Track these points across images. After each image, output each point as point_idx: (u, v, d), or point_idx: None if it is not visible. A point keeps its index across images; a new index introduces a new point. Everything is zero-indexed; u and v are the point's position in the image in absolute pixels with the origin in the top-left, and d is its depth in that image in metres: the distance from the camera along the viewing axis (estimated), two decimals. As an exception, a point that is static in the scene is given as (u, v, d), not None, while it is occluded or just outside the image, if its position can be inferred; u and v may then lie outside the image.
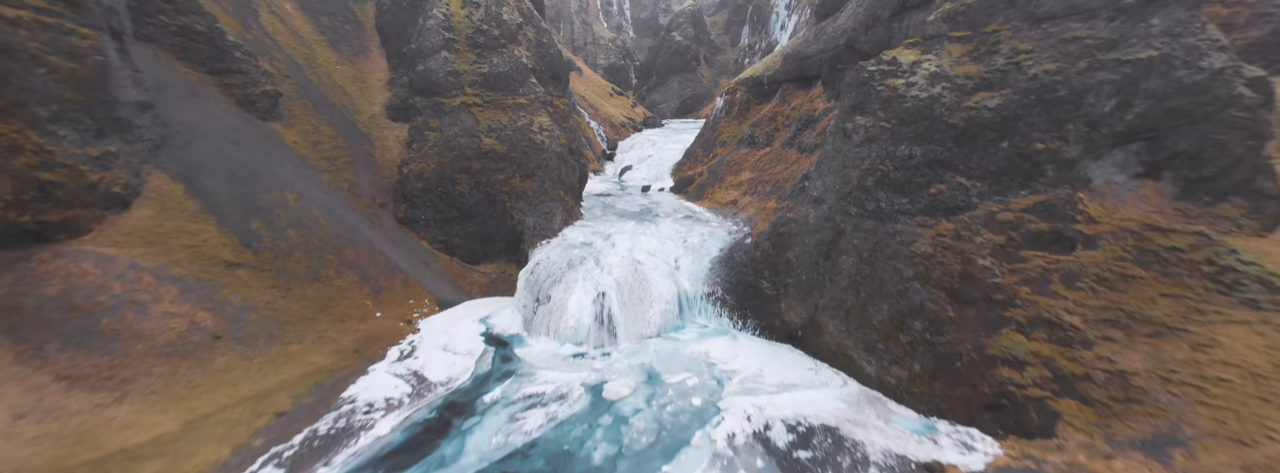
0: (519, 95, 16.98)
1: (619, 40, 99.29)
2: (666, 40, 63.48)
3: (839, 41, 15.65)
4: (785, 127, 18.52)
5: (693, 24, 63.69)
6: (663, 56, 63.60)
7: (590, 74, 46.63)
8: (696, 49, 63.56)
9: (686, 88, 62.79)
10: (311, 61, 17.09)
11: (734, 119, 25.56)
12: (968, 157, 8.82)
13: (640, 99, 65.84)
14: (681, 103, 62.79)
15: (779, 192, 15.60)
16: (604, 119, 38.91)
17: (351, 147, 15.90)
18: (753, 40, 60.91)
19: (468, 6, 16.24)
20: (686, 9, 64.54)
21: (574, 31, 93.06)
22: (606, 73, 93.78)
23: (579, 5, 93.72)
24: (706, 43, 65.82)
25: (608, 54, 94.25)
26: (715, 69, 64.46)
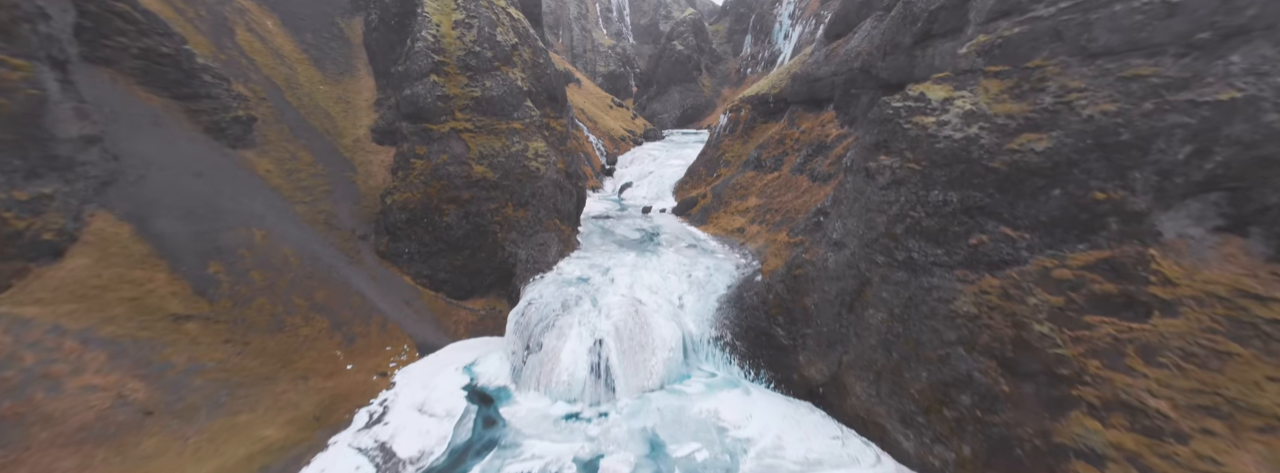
0: (513, 119, 16.11)
1: (619, 47, 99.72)
2: (667, 49, 63.44)
3: (852, 65, 14.87)
4: (794, 151, 17.65)
5: (694, 33, 63.75)
6: (663, 65, 63.50)
7: (589, 86, 46.20)
8: (698, 58, 63.50)
9: (688, 97, 62.51)
10: (292, 82, 16.26)
11: (738, 138, 24.78)
12: (1013, 204, 7.84)
13: (640, 109, 65.54)
14: (683, 113, 62.45)
15: (790, 223, 14.62)
16: (603, 133, 38.25)
17: (332, 174, 14.95)
18: (755, 50, 60.82)
19: (459, 27, 15.47)
20: (687, 18, 64.71)
21: (573, 38, 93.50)
22: (606, 80, 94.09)
23: (578, 12, 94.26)
24: (708, 52, 65.83)
25: (607, 61, 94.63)
26: (717, 79, 64.29)
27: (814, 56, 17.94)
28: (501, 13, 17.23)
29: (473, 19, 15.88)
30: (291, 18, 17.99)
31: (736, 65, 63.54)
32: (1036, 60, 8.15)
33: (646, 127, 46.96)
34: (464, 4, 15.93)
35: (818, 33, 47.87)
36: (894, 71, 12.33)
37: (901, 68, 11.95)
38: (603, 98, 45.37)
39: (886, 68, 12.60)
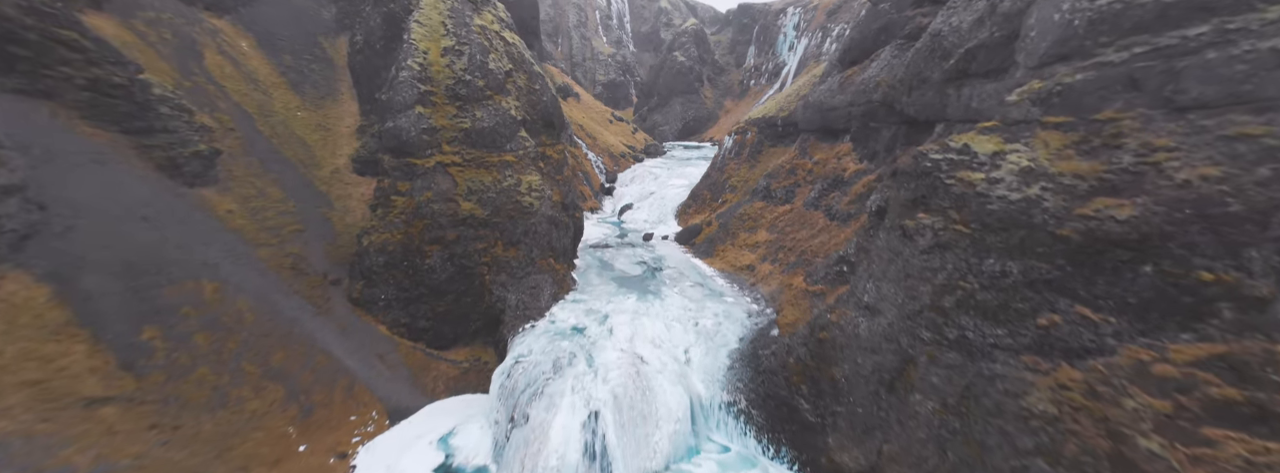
0: (505, 151, 15.03)
1: (619, 55, 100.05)
2: (668, 60, 63.32)
3: (871, 96, 13.87)
4: (807, 183, 16.55)
5: (696, 43, 63.73)
6: (664, 76, 63.28)
7: (588, 100, 45.60)
8: (700, 69, 63.32)
9: (689, 109, 62.09)
10: (266, 109, 15.22)
11: (745, 162, 23.78)
12: (1090, 281, 6.63)
13: (641, 120, 65.08)
14: (684, 125, 61.94)
15: (807, 266, 13.39)
16: (603, 149, 37.37)
17: (304, 211, 13.76)
18: (759, 61, 60.69)
19: (449, 55, 14.52)
20: (690, 28, 64.79)
21: (572, 46, 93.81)
22: (605, 89, 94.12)
23: (577, 20, 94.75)
24: (710, 63, 65.73)
25: (607, 70, 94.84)
26: (719, 90, 64.04)
27: (826, 83, 17.00)
28: (495, 37, 16.34)
29: (463, 46, 14.94)
30: (269, 38, 17.08)
31: (739, 77, 63.37)
32: (1107, 112, 7.04)
33: (647, 141, 46.20)
34: (454, 30, 15.03)
35: (824, 45, 47.62)
36: (922, 108, 11.28)
37: (930, 105, 10.90)
38: (602, 112, 44.73)
39: (912, 104, 11.55)
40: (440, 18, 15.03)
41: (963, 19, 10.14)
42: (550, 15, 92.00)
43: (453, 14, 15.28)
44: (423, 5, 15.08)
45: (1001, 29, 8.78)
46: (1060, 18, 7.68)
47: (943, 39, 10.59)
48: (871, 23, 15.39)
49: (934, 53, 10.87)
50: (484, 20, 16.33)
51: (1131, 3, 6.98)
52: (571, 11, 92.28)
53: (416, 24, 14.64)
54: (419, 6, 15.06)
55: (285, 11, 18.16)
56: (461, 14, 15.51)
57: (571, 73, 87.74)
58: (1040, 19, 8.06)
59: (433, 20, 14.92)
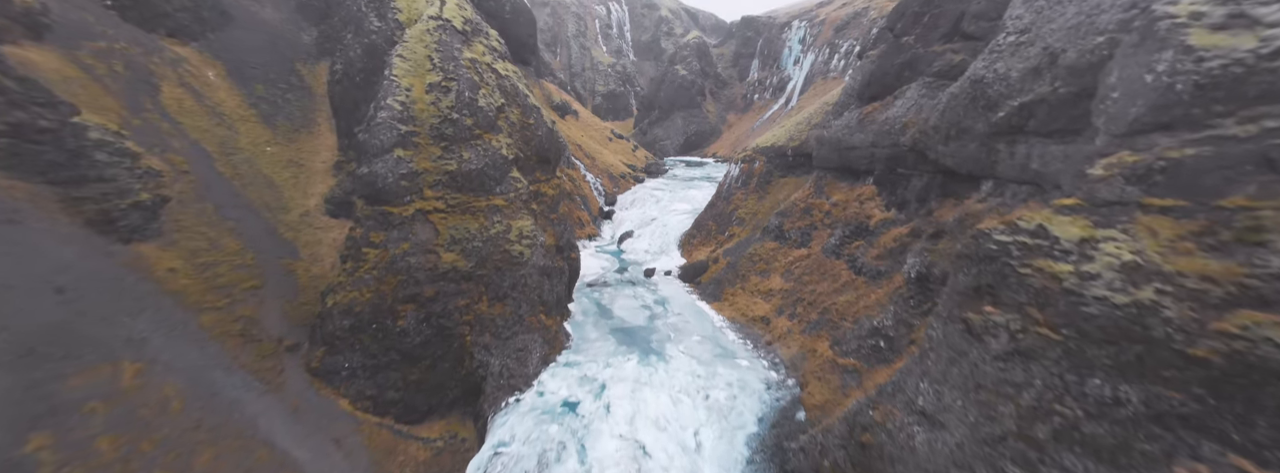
0: (494, 195, 13.69)
1: (619, 65, 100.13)
2: (669, 73, 63.00)
3: (897, 139, 12.62)
4: (825, 226, 15.19)
5: (698, 57, 63.54)
6: (666, 90, 62.86)
7: (588, 117, 44.77)
8: (702, 83, 62.98)
9: (691, 124, 61.45)
10: (229, 146, 13.93)
11: (753, 192, 22.52)
12: (1247, 421, 5.15)
13: (641, 133, 64.37)
14: (686, 139, 61.20)
15: (833, 328, 11.89)
16: (602, 170, 36.22)
17: (263, 263, 12.31)
18: (763, 75, 60.35)
19: (434, 91, 13.31)
20: (692, 41, 64.73)
21: (571, 57, 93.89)
22: (605, 100, 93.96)
23: (577, 29, 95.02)
24: (712, 76, 65.45)
25: (606, 80, 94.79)
26: (722, 104, 63.56)
27: (844, 118, 15.83)
28: (486, 71, 15.20)
29: (451, 81, 13.76)
30: (240, 66, 15.95)
31: (743, 91, 62.99)
32: (1237, 198, 5.68)
33: (648, 158, 45.17)
34: (441, 64, 13.86)
35: (832, 61, 47.03)
36: (962, 161, 9.99)
37: (974, 159, 9.61)
38: (601, 129, 43.83)
39: (950, 154, 10.26)
40: (426, 51, 13.89)
41: (1010, 66, 8.92)
42: (548, 24, 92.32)
43: (440, 47, 14.16)
44: (407, 38, 13.96)
45: (1068, 84, 7.52)
46: (1154, 80, 6.41)
47: (986, 86, 9.35)
48: (893, 57, 14.30)
49: (975, 101, 9.62)
50: (474, 52, 15.22)
51: (1257, 67, 5.70)
52: (570, 21, 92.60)
53: (399, 58, 13.48)
54: (403, 39, 13.94)
55: (260, 37, 17.12)
56: (450, 47, 14.39)
57: (570, 83, 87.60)
58: (1125, 79, 6.80)
59: (418, 54, 13.77)
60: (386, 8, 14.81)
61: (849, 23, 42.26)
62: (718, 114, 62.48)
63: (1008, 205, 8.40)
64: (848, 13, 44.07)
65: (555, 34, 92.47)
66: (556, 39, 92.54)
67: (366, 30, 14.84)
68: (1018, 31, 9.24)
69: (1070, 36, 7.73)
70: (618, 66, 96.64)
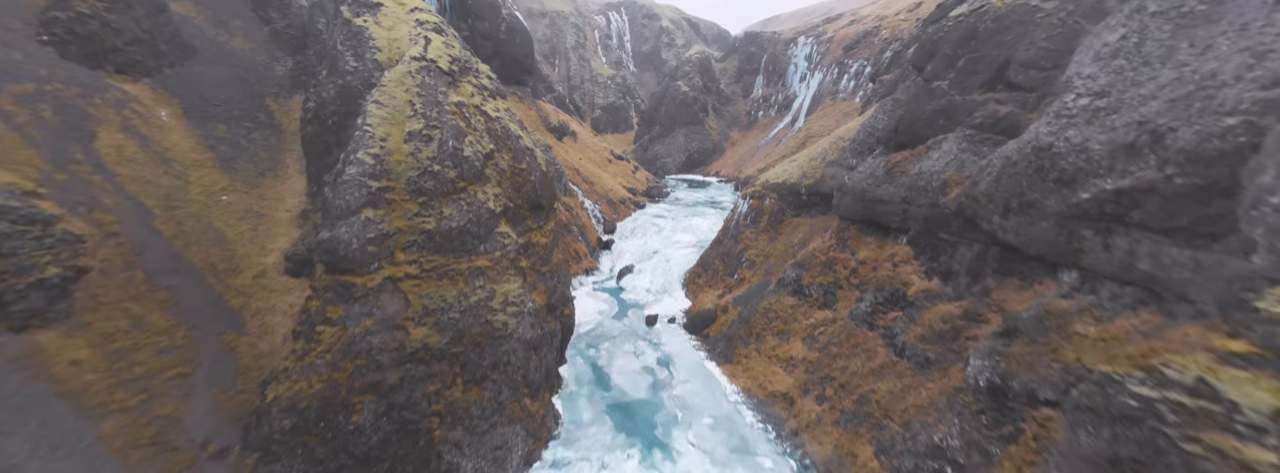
0: (478, 255, 12.26)
1: (619, 77, 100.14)
2: (671, 89, 62.59)
3: (937, 199, 11.31)
4: (852, 286, 13.76)
5: (700, 72, 63.25)
6: (667, 106, 62.33)
7: (586, 137, 43.80)
8: (704, 99, 62.53)
9: (693, 141, 60.72)
10: (176, 199, 12.52)
11: (764, 231, 21.18)
12: None
13: (642, 150, 63.56)
14: (688, 157, 60.36)
15: (875, 426, 10.31)
16: (601, 195, 34.98)
17: (198, 342, 10.74)
18: (768, 91, 59.94)
19: (414, 140, 11.98)
20: (693, 57, 64.56)
21: (570, 68, 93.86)
22: (605, 113, 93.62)
23: (576, 40, 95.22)
24: (715, 92, 65.09)
25: (606, 92, 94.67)
26: (725, 121, 63.01)
27: (868, 166, 14.60)
28: (474, 113, 13.95)
29: (433, 129, 12.46)
30: (199, 104, 14.70)
31: (746, 107, 62.55)
32: None
33: (649, 180, 44.03)
34: (423, 110, 12.59)
35: (842, 81, 46.28)
36: (1029, 241, 8.63)
37: (1047, 242, 8.25)
38: (600, 150, 42.81)
39: (1013, 230, 8.91)
40: (407, 96, 12.64)
41: (1088, 136, 7.64)
42: (547, 36, 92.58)
43: (423, 91, 12.92)
44: (386, 81, 12.71)
45: (1187, 174, 6.20)
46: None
47: (1056, 157, 8.06)
48: (924, 102, 13.15)
49: (1042, 172, 8.32)
50: (462, 94, 13.99)
51: None
52: (569, 32, 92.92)
53: (375, 105, 12.19)
54: (381, 82, 12.69)
55: (225, 71, 15.94)
56: (433, 91, 13.15)
57: (569, 96, 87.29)
58: None
59: (397, 99, 12.52)
60: (364, 47, 13.64)
61: (858, 42, 41.84)
62: (721, 131, 61.86)
63: (1108, 310, 6.96)
64: (857, 31, 43.73)
65: (553, 46, 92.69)
66: (555, 50, 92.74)
67: (341, 70, 13.62)
68: (1092, 94, 8.01)
69: (1178, 111, 6.44)
70: (617, 78, 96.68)
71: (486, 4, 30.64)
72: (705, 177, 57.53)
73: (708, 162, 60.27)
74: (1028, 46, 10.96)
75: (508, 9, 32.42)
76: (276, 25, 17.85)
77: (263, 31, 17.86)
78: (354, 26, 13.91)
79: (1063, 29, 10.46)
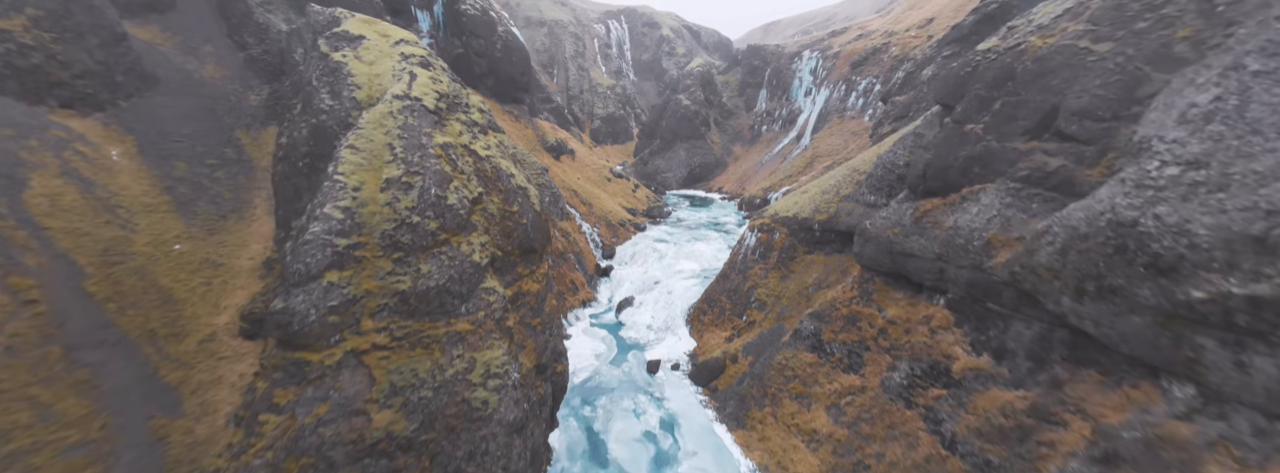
0: (458, 317, 10.94)
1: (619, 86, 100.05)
2: (672, 102, 62.10)
3: (980, 261, 10.06)
4: (880, 348, 12.40)
5: (702, 86, 62.86)
6: (668, 119, 61.74)
7: (585, 155, 42.89)
8: (706, 113, 61.97)
9: (695, 155, 59.92)
10: (117, 252, 11.24)
11: (774, 269, 19.91)
12: None
13: (642, 163, 62.72)
14: (689, 172, 59.48)
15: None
16: (599, 218, 33.81)
17: (120, 431, 9.30)
18: (771, 106, 59.41)
19: (392, 188, 10.72)
20: (695, 70, 64.26)
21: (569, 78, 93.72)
22: (604, 123, 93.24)
23: (575, 50, 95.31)
24: (717, 105, 64.62)
25: (605, 102, 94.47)
26: (727, 135, 62.36)
27: (893, 211, 13.40)
28: (462, 154, 12.79)
29: (414, 175, 11.26)
30: (159, 140, 13.56)
31: (749, 121, 62.00)
32: None
33: (650, 199, 42.94)
34: (404, 154, 11.41)
35: (850, 99, 45.31)
36: (1115, 336, 7.35)
37: (1140, 340, 6.97)
38: (599, 169, 41.83)
39: (1090, 318, 7.64)
40: (386, 139, 11.48)
41: (1191, 218, 6.42)
42: (545, 45, 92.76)
43: (405, 133, 11.78)
44: (364, 123, 11.55)
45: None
46: None
47: (1145, 239, 6.83)
48: (956, 147, 12.01)
49: (1124, 253, 7.08)
50: (449, 134, 12.87)
51: None
52: (568, 42, 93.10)
53: (350, 150, 10.99)
54: (359, 125, 11.52)
55: (192, 102, 14.87)
56: (417, 132, 12.00)
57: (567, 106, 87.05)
58: None
59: (375, 142, 11.35)
60: (342, 84, 12.54)
61: (867, 59, 41.30)
62: (723, 145, 61.18)
63: (1254, 451, 5.60)
64: (865, 47, 43.27)
65: (552, 55, 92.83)
66: (553, 60, 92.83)
67: (316, 108, 12.49)
68: (1183, 163, 6.83)
69: (1316, 207, 5.21)
70: (617, 88, 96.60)
71: (481, 21, 30.01)
72: (707, 193, 56.60)
73: (710, 177, 59.40)
74: (1080, 94, 9.85)
75: (504, 26, 31.79)
76: (252, 51, 16.89)
77: (237, 58, 16.89)
78: (331, 62, 12.86)
79: (1121, 76, 9.37)
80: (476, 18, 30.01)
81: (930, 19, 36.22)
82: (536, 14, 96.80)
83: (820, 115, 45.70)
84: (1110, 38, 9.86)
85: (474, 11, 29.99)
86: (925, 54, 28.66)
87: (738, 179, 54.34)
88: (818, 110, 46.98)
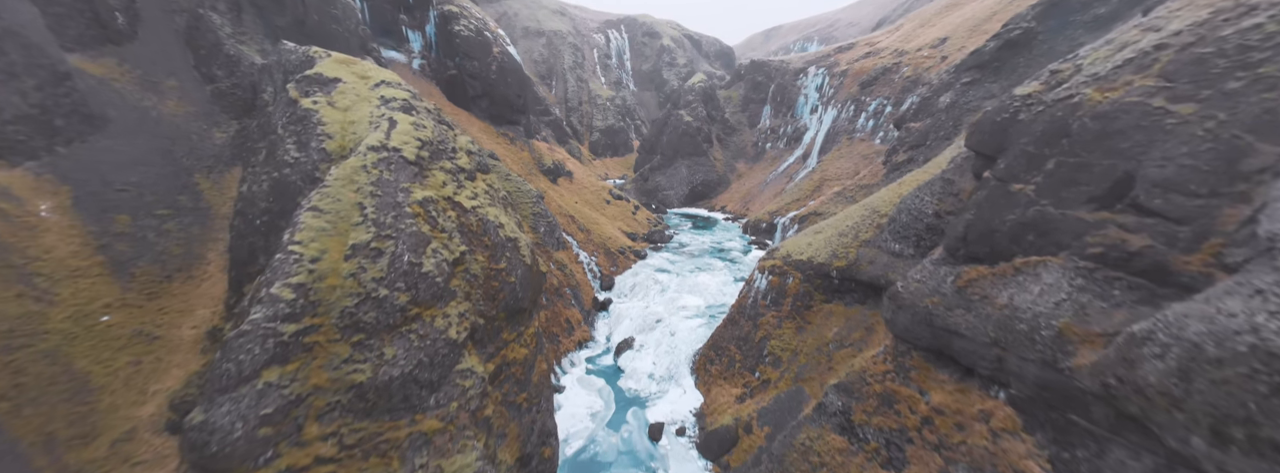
0: (425, 412, 9.37)
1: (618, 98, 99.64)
2: (673, 118, 61.38)
3: (1055, 357, 8.51)
4: (927, 445, 10.74)
5: (703, 102, 62.24)
6: (669, 135, 60.93)
7: (583, 176, 41.71)
8: (708, 129, 61.20)
9: (697, 173, 58.88)
10: (23, 332, 9.72)
11: (789, 318, 18.34)
12: None
13: (643, 180, 61.63)
14: (691, 189, 58.34)
15: None
16: (598, 245, 32.36)
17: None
18: (776, 123, 58.61)
19: (359, 255, 9.24)
20: (697, 86, 63.75)
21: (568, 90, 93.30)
22: (604, 135, 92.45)
23: (574, 61, 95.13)
24: (719, 121, 63.92)
25: (605, 114, 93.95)
26: (730, 151, 61.45)
27: (928, 273, 11.91)
28: (444, 210, 11.39)
29: (386, 240, 9.82)
30: (100, 190, 12.19)
31: (753, 138, 61.16)
32: None
33: (650, 222, 41.55)
34: (375, 214, 9.97)
35: (859, 120, 44.04)
36: None
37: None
38: (598, 190, 40.58)
39: (1237, 470, 6.00)
40: (357, 197, 10.04)
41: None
42: (544, 56, 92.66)
43: (379, 189, 10.36)
44: (331, 181, 10.10)
45: None
46: None
47: (1272, 359, 5.30)
48: (1003, 208, 10.61)
49: (1255, 376, 5.53)
50: (430, 187, 11.48)
51: None
52: (567, 52, 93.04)
53: (311, 214, 9.53)
54: (326, 182, 10.08)
55: (146, 142, 13.57)
56: (393, 189, 10.58)
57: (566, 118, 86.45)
58: None
59: (343, 201, 9.92)
60: (310, 133, 11.15)
61: (877, 78, 40.48)
62: (726, 162, 60.22)
63: None
64: (874, 66, 42.54)
65: (551, 66, 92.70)
66: (552, 71, 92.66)
67: (279, 159, 11.11)
68: (1341, 284, 5.34)
69: None
70: (617, 100, 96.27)
71: (476, 43, 29.15)
72: (710, 212, 55.35)
73: (712, 194, 58.25)
74: (1161, 162, 8.49)
75: (500, 46, 30.93)
76: (221, 85, 15.70)
77: (204, 92, 15.70)
78: (300, 109, 11.56)
79: (1214, 145, 8.02)
80: (471, 39, 29.15)
81: (943, 39, 35.46)
82: (534, 24, 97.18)
83: (828, 135, 44.73)
84: (1192, 98, 8.55)
85: (468, 32, 29.15)
86: (941, 79, 27.63)
87: (741, 198, 53.13)
88: (825, 130, 46.03)
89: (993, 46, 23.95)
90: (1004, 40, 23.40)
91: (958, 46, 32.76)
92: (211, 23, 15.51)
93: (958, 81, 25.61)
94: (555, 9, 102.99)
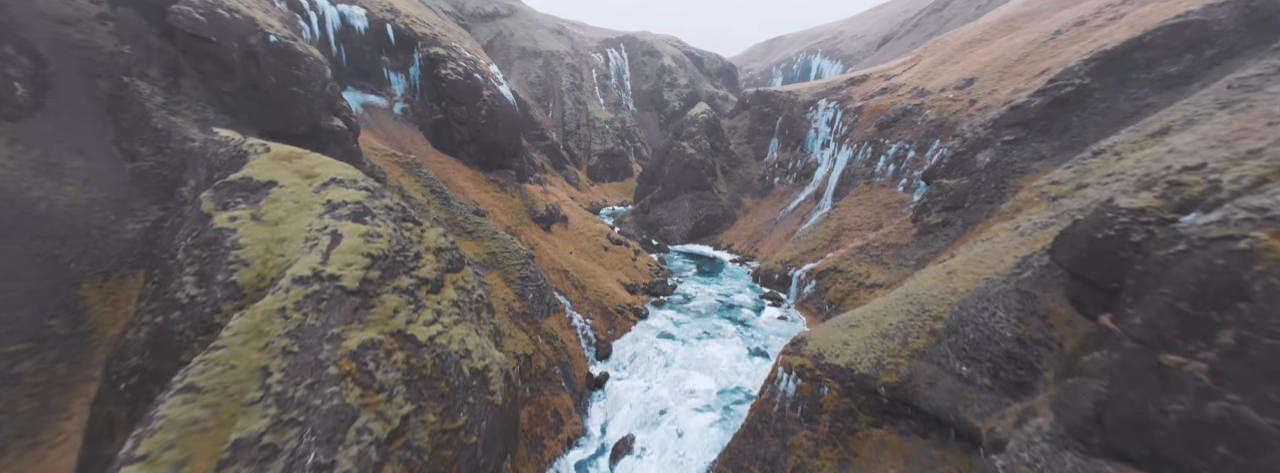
0: None
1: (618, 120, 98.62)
2: (675, 150, 59.87)
3: None
4: None
5: (707, 133, 60.94)
6: (671, 167, 59.27)
7: (579, 221, 39.31)
8: (712, 161, 59.63)
9: (701, 207, 56.82)
10: None
11: (825, 443, 15.41)
12: None
13: (643, 212, 59.48)
14: (695, 225, 56.10)
15: None
16: (594, 303, 29.60)
17: None
18: (784, 156, 57.08)
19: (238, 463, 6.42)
20: (700, 117, 62.61)
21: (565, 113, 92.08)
22: (603, 159, 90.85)
23: (572, 83, 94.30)
24: (724, 152, 62.48)
25: (604, 137, 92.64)
26: (735, 185, 59.65)
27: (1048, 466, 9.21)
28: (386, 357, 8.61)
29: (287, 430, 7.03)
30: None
31: (760, 171, 59.46)
32: None
33: (651, 268, 38.86)
34: (281, 385, 7.24)
35: (878, 164, 41.57)
36: None
37: None
38: (595, 236, 38.13)
39: None
40: (261, 358, 7.33)
41: None
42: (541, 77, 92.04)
43: (296, 342, 7.66)
44: (231, 332, 7.49)
45: None
46: None
47: None
48: (1155, 389, 7.96)
49: None
50: (373, 325, 8.86)
51: None
52: (565, 74, 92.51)
53: (182, 395, 6.77)
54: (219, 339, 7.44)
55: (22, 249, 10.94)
56: (317, 340, 7.89)
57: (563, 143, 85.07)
58: None
59: (241, 365, 7.21)
60: (219, 262, 8.53)
61: (896, 120, 38.94)
62: (731, 196, 58.26)
63: None
64: (892, 105, 41.11)
65: (548, 88, 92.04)
66: (549, 94, 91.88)
67: (171, 298, 8.48)
68: None
69: None
70: (616, 122, 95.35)
71: (465, 87, 27.39)
72: (715, 250, 52.89)
73: (717, 231, 55.92)
74: None
75: (491, 89, 29.13)
76: (144, 163, 13.30)
77: (122, 172, 13.32)
78: (210, 229, 9.07)
79: None
80: (459, 82, 27.41)
81: (970, 79, 33.98)
82: (531, 45, 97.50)
83: (843, 177, 42.83)
84: None
85: (456, 76, 27.41)
86: (976, 133, 25.72)
87: (749, 236, 50.77)
88: (839, 169, 44.19)
89: (1040, 104, 22.09)
90: (1053, 97, 21.54)
91: (987, 90, 31.19)
92: (138, 91, 13.26)
93: (998, 139, 23.66)
94: (553, 28, 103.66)
